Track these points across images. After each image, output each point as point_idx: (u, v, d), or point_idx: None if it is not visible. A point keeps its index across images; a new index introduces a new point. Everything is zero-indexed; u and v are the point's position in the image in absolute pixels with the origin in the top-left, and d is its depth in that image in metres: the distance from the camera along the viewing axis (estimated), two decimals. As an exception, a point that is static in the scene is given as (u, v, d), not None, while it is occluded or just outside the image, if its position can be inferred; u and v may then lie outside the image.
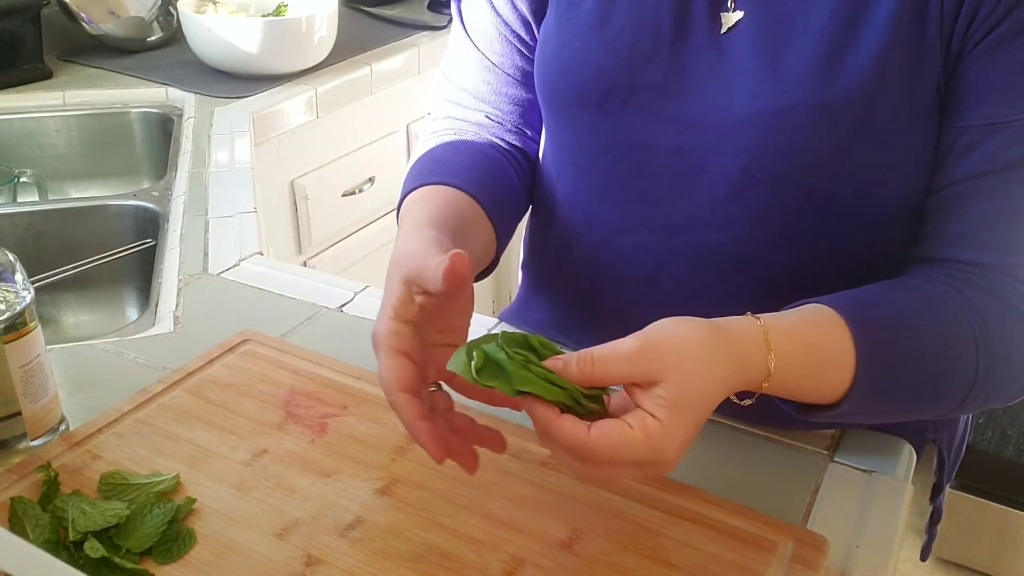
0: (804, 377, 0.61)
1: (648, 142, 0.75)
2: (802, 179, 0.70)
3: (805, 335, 0.61)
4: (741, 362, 0.58)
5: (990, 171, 0.66)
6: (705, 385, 0.55)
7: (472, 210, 0.76)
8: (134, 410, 0.73)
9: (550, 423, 0.54)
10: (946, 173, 0.69)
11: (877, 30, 0.65)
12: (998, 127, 0.65)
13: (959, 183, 0.68)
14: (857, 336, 0.62)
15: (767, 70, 0.69)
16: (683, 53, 0.72)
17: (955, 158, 0.68)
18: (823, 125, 0.67)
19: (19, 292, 0.65)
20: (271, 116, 1.52)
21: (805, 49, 0.67)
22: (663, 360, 0.54)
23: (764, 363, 0.59)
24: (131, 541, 0.59)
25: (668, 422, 0.53)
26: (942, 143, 0.69)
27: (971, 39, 0.64)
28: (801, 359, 0.60)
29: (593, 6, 0.75)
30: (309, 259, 1.69)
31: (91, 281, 1.21)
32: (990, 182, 0.66)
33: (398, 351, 0.60)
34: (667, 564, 0.59)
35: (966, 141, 0.67)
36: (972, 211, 0.67)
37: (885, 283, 0.69)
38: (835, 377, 0.62)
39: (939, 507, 0.93)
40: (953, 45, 0.65)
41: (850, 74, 0.66)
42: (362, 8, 2.06)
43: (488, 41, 0.85)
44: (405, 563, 0.59)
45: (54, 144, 1.53)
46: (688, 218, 0.75)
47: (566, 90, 0.78)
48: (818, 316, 0.63)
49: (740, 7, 0.70)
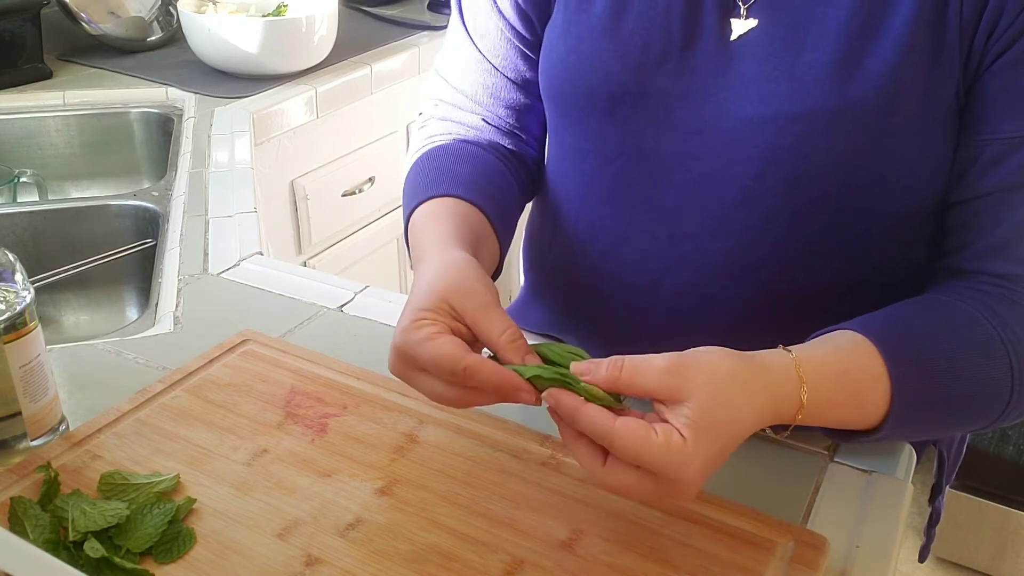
0: (839, 406, 0.61)
1: (656, 149, 0.74)
2: (813, 186, 0.69)
3: (837, 365, 0.61)
4: (773, 393, 0.58)
5: (1020, 184, 0.66)
6: (734, 414, 0.55)
7: (482, 226, 0.76)
8: (134, 410, 0.73)
9: (576, 409, 0.55)
10: (972, 185, 0.68)
11: (894, 35, 0.65)
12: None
13: (988, 195, 0.67)
14: (889, 362, 0.61)
15: (781, 75, 0.68)
16: (692, 59, 0.72)
17: (982, 170, 0.67)
18: (838, 130, 0.67)
19: (19, 292, 0.65)
20: (271, 116, 1.52)
21: (821, 54, 0.67)
22: (694, 380, 0.54)
23: (797, 395, 0.58)
24: (131, 541, 0.59)
25: (692, 442, 0.53)
26: (965, 154, 0.68)
27: (992, 50, 0.64)
28: (834, 389, 0.60)
29: (603, 10, 0.74)
30: (309, 259, 1.69)
31: (91, 281, 1.22)
32: (1020, 196, 0.66)
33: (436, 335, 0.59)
34: (667, 564, 0.59)
35: (993, 153, 0.66)
36: (1002, 224, 0.67)
37: (912, 302, 0.68)
38: (871, 405, 0.62)
39: (938, 509, 0.93)
40: (973, 55, 0.65)
41: (867, 79, 0.66)
42: (362, 8, 2.06)
43: (490, 43, 0.84)
44: (405, 563, 0.59)
45: (54, 144, 1.53)
46: (696, 225, 0.74)
47: (573, 95, 0.77)
48: (848, 344, 0.63)
49: (753, 15, 0.70)
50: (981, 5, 0.63)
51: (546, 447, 0.69)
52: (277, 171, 1.57)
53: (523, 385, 0.58)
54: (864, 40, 0.66)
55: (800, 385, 0.58)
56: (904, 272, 0.73)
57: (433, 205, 0.76)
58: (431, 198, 0.77)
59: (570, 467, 0.67)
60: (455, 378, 0.59)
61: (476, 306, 0.61)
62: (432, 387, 0.61)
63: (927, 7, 0.64)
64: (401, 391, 0.75)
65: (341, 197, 1.72)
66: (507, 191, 0.83)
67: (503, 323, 0.61)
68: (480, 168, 0.82)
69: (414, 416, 0.72)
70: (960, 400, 0.64)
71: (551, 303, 0.91)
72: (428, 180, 0.80)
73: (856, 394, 0.61)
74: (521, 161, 0.88)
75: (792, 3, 0.68)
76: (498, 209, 0.79)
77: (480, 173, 0.81)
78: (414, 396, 0.75)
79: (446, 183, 0.78)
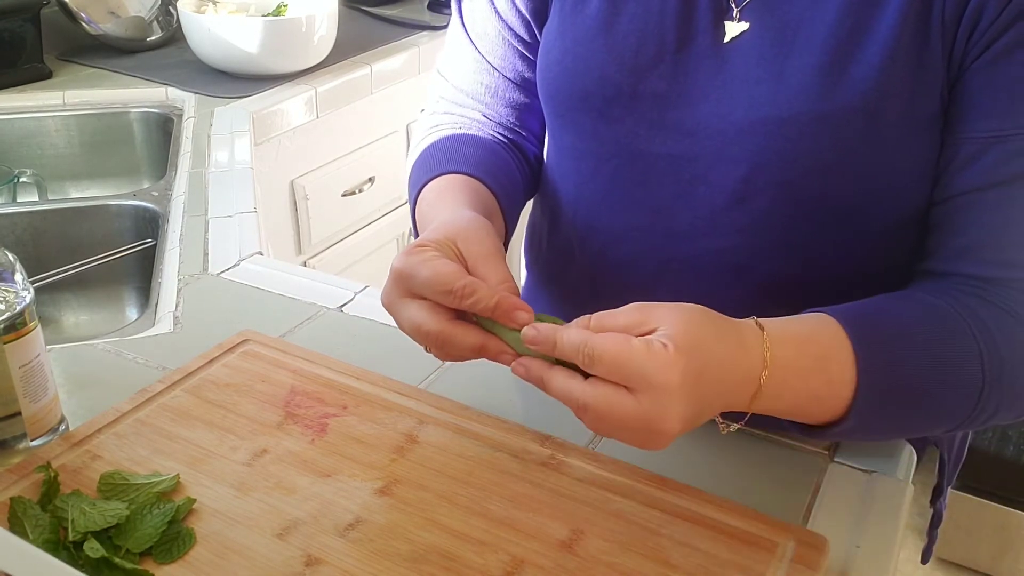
0: (805, 373, 0.60)
1: (650, 150, 0.75)
2: (803, 188, 0.69)
3: (801, 330, 0.61)
4: (740, 340, 0.57)
5: (993, 184, 0.65)
6: (709, 337, 0.55)
7: (491, 202, 0.77)
8: (134, 410, 0.72)
9: (558, 330, 0.56)
10: (948, 185, 0.68)
11: (880, 40, 0.65)
12: (1000, 139, 0.64)
13: (961, 195, 0.67)
14: (854, 338, 0.61)
15: (770, 78, 0.68)
16: (686, 61, 0.72)
17: (956, 170, 0.67)
18: (826, 133, 0.67)
19: (19, 292, 0.65)
20: (271, 116, 1.52)
21: (809, 57, 0.67)
22: (663, 311, 0.55)
23: (760, 345, 0.58)
24: (131, 541, 0.59)
25: (673, 350, 0.53)
26: (944, 154, 0.68)
27: (972, 50, 0.64)
28: (799, 353, 0.60)
29: (597, 11, 0.75)
30: (309, 259, 1.69)
31: (91, 281, 1.21)
32: (993, 195, 0.65)
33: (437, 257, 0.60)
34: (667, 564, 0.59)
35: (968, 153, 0.66)
36: (975, 224, 0.66)
37: (884, 295, 0.68)
38: (837, 376, 0.60)
39: (939, 510, 0.93)
40: (955, 55, 0.64)
41: (853, 83, 0.66)
42: (362, 8, 2.06)
43: (489, 44, 0.85)
44: (405, 563, 0.59)
45: (54, 144, 1.53)
46: (688, 226, 0.75)
47: (569, 96, 0.77)
48: (813, 319, 0.63)
49: (746, 18, 0.70)
50: (962, 4, 0.63)
51: (546, 447, 0.69)
52: (277, 171, 1.57)
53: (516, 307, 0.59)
54: (852, 44, 0.66)
55: (762, 332, 0.58)
56: (896, 275, 0.73)
57: (442, 181, 0.77)
58: (440, 175, 0.77)
59: (570, 467, 0.67)
60: (449, 297, 0.59)
61: (481, 251, 0.62)
62: (417, 316, 0.61)
63: (912, 9, 0.64)
64: (401, 391, 0.75)
65: (341, 197, 1.72)
66: (512, 178, 0.84)
67: (503, 273, 0.61)
68: (487, 154, 0.82)
69: (414, 416, 0.72)
70: (928, 390, 0.63)
71: (550, 300, 0.92)
72: (436, 161, 0.80)
73: (822, 358, 0.60)
74: (523, 155, 0.89)
75: (784, 6, 0.68)
76: (504, 192, 0.79)
77: (487, 157, 0.82)
78: (414, 396, 0.75)
79: (455, 162, 0.79)
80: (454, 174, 0.77)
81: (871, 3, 0.65)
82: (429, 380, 0.80)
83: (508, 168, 0.83)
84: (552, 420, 0.71)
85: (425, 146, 0.85)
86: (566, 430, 0.70)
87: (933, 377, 0.62)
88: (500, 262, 0.62)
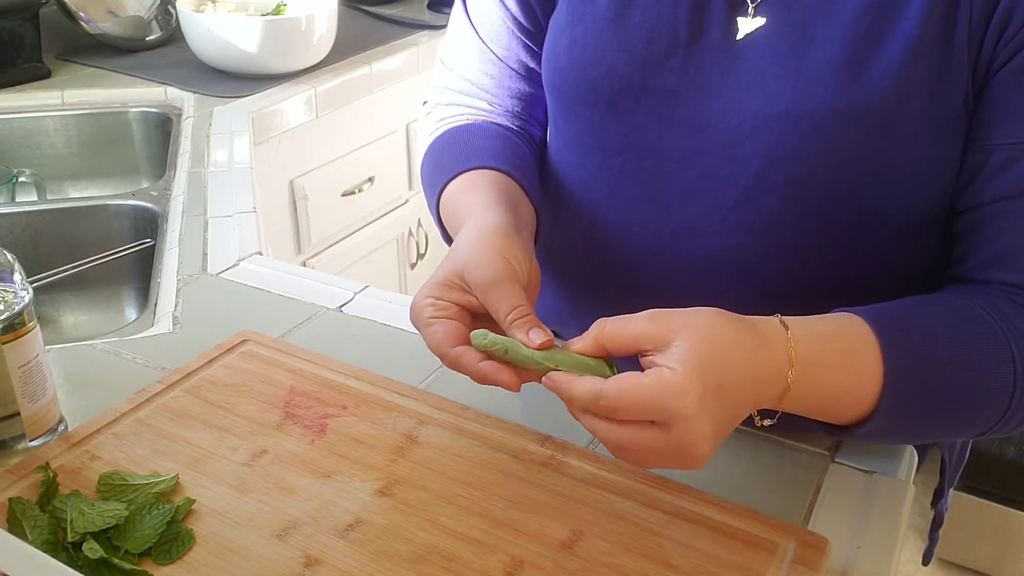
0: (832, 368, 0.59)
1: (659, 145, 0.74)
2: (815, 186, 0.69)
3: (825, 328, 0.61)
4: (762, 341, 0.57)
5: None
6: (726, 345, 0.55)
7: (516, 191, 0.76)
8: (133, 410, 0.72)
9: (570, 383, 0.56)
10: (978, 192, 0.67)
11: (902, 38, 0.64)
12: None
13: (992, 203, 0.66)
14: (880, 336, 0.60)
15: (786, 73, 0.67)
16: (697, 55, 0.71)
17: (987, 177, 0.66)
18: (841, 130, 0.66)
19: (18, 292, 0.65)
20: (270, 116, 1.52)
21: (827, 53, 0.66)
22: (679, 320, 0.55)
23: (784, 344, 0.58)
24: (130, 542, 0.59)
25: (684, 373, 0.53)
26: (971, 161, 0.67)
27: (1000, 55, 0.63)
28: (824, 349, 0.59)
29: (608, 3, 0.74)
30: (308, 259, 1.69)
31: (90, 281, 1.21)
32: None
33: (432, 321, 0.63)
34: (667, 565, 0.59)
35: (999, 160, 0.65)
36: (1009, 231, 0.66)
37: (911, 297, 0.67)
38: (864, 371, 0.60)
39: (941, 512, 0.92)
40: (982, 60, 0.64)
41: (872, 81, 0.65)
42: (362, 8, 2.06)
43: (494, 34, 0.84)
44: (405, 564, 0.59)
45: (53, 144, 1.53)
46: (697, 223, 0.74)
47: (577, 88, 0.77)
48: (837, 316, 0.62)
49: (761, 13, 0.69)
50: (990, 9, 0.62)
51: (546, 447, 0.69)
52: (276, 171, 1.57)
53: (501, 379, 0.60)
54: (871, 41, 0.65)
55: (787, 339, 0.58)
56: (907, 277, 0.73)
57: (463, 180, 0.76)
58: (459, 174, 0.77)
59: (570, 467, 0.67)
60: (445, 363, 0.63)
61: (487, 278, 0.63)
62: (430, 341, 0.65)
63: (936, 10, 0.63)
64: (400, 391, 0.75)
65: (340, 197, 1.72)
66: (529, 162, 0.83)
67: (510, 300, 0.62)
68: (501, 142, 0.82)
69: (414, 416, 0.72)
70: (957, 392, 0.62)
71: (556, 293, 0.91)
72: (453, 158, 0.80)
73: (849, 353, 0.60)
74: (532, 141, 0.88)
75: (801, 2, 0.68)
76: (525, 177, 0.79)
77: (503, 145, 0.81)
78: (414, 396, 0.75)
79: (472, 157, 0.78)
80: (473, 171, 0.77)
81: (892, 2, 0.65)
82: (429, 380, 0.80)
83: (524, 154, 0.83)
84: (552, 420, 0.71)
85: (435, 140, 0.85)
86: (566, 430, 0.70)
87: (963, 377, 0.62)
88: (509, 285, 0.63)
